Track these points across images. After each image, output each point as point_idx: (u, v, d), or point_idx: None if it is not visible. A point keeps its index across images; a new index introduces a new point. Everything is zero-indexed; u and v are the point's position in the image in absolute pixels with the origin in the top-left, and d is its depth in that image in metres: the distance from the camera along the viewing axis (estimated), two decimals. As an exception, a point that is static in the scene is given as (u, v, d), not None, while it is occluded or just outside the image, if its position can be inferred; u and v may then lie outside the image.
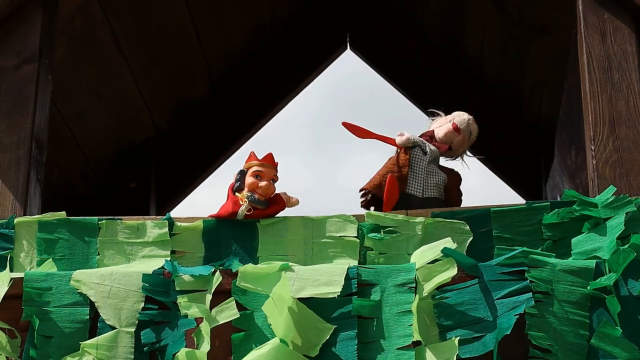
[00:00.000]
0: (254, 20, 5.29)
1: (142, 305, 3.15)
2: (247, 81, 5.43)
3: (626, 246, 3.05)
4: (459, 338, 2.99)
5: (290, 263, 3.19)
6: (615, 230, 3.14)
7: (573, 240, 3.20)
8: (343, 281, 3.06)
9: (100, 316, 3.14)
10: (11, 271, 3.30)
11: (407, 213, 3.40)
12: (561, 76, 4.64)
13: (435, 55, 5.43)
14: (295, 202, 3.46)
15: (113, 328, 3.12)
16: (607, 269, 3.06)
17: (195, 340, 3.08)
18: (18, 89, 3.67)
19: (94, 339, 3.09)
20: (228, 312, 3.09)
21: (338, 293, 3.05)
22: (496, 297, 3.04)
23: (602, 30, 3.63)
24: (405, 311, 3.05)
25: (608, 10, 3.65)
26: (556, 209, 3.29)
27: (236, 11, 5.12)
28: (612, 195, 3.25)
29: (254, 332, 3.08)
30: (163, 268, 3.21)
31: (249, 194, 3.40)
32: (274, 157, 3.46)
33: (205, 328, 3.07)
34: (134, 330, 3.12)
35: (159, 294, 3.16)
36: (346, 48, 5.51)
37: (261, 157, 3.46)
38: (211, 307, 3.09)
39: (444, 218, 3.35)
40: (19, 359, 3.12)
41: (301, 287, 3.07)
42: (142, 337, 3.11)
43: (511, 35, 4.94)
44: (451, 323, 3.03)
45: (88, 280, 3.18)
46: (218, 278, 3.13)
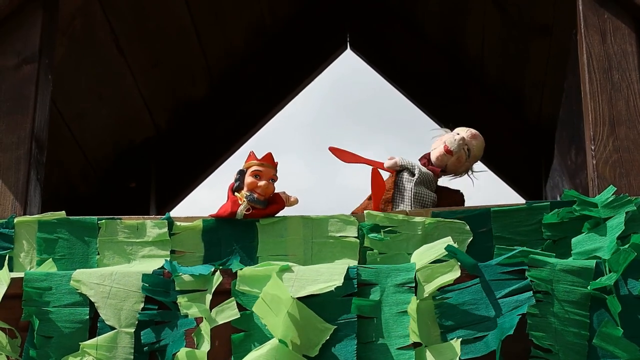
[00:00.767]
0: (254, 20, 5.29)
1: (142, 305, 3.15)
2: (247, 81, 5.44)
3: (626, 246, 3.05)
4: (461, 339, 2.98)
5: (289, 263, 3.19)
6: (615, 230, 3.14)
7: (573, 240, 3.20)
8: (342, 278, 3.06)
9: (100, 316, 3.14)
10: (11, 271, 3.30)
11: (408, 213, 3.40)
12: (561, 76, 4.64)
13: (435, 55, 5.43)
14: (294, 202, 3.47)
15: (113, 328, 3.12)
16: (607, 269, 3.06)
17: (195, 340, 3.08)
18: (18, 89, 3.67)
19: (94, 340, 3.09)
20: (228, 312, 3.08)
21: (337, 285, 3.04)
22: (497, 297, 3.04)
23: (602, 30, 3.63)
24: (405, 311, 3.04)
25: (608, 10, 3.65)
26: (556, 209, 3.29)
27: (236, 11, 5.12)
28: (612, 195, 3.25)
29: (254, 333, 3.07)
30: (163, 268, 3.21)
31: (248, 194, 3.40)
32: (273, 157, 3.46)
33: (205, 328, 3.07)
34: (134, 330, 3.12)
35: (159, 294, 3.15)
36: (346, 48, 5.52)
37: (260, 157, 3.46)
38: (211, 307, 3.09)
39: (444, 218, 3.35)
40: (19, 359, 3.12)
41: (301, 287, 3.07)
42: (142, 338, 3.11)
43: (511, 35, 4.94)
44: (452, 323, 3.02)
45: (88, 280, 3.17)
46: (218, 278, 3.13)
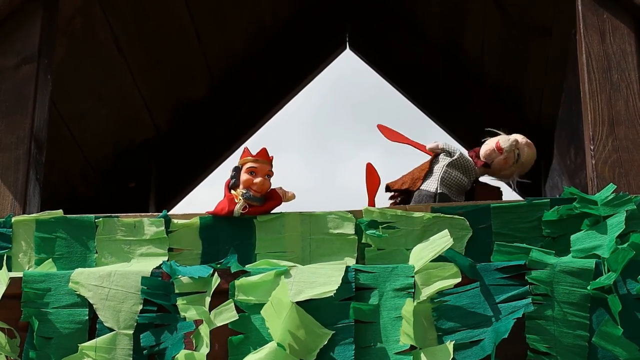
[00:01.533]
0: (254, 20, 5.29)
1: (141, 307, 3.15)
2: (247, 81, 5.44)
3: (625, 245, 3.05)
4: (458, 342, 2.98)
5: (287, 265, 3.18)
6: (615, 228, 3.14)
7: (572, 237, 3.19)
8: (340, 281, 3.06)
9: (99, 317, 3.14)
10: (9, 270, 3.30)
11: (407, 208, 3.40)
12: (561, 76, 4.64)
13: (435, 55, 5.43)
14: (291, 197, 3.46)
15: (111, 330, 3.11)
16: (606, 268, 3.05)
17: (194, 342, 3.08)
18: (17, 89, 3.67)
19: (93, 341, 3.09)
20: (227, 314, 3.08)
21: (334, 291, 3.04)
22: (495, 302, 3.04)
23: (602, 30, 3.63)
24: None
25: (607, 10, 3.65)
26: (556, 206, 3.29)
27: (236, 11, 5.12)
28: (612, 193, 3.25)
29: (252, 335, 3.07)
30: (161, 269, 3.20)
31: (245, 191, 3.40)
32: (268, 152, 3.45)
33: (204, 330, 3.06)
34: (133, 332, 3.12)
35: (158, 297, 3.15)
36: (345, 48, 5.52)
37: (255, 153, 3.45)
38: (210, 309, 3.09)
39: (444, 213, 3.35)
40: (19, 359, 3.12)
41: (299, 291, 3.07)
42: (142, 341, 3.11)
43: (511, 35, 4.94)
44: (450, 326, 3.02)
45: (86, 281, 3.17)
46: (216, 280, 3.12)
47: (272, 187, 3.44)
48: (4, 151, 3.58)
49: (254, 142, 5.48)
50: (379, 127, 3.69)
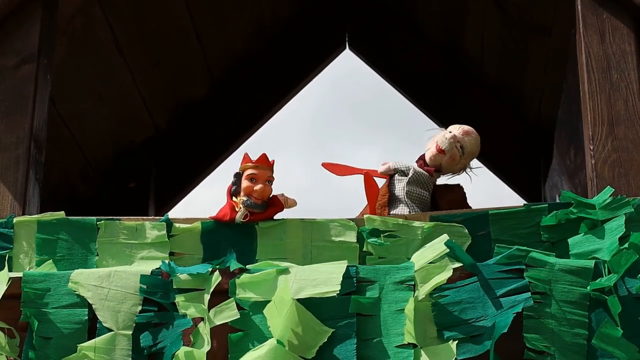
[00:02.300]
0: (254, 20, 5.30)
1: (140, 307, 3.14)
2: (247, 81, 5.44)
3: (627, 247, 3.05)
4: (457, 337, 2.98)
5: (287, 264, 3.18)
6: (615, 232, 3.14)
7: (570, 240, 3.20)
8: (341, 279, 3.06)
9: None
10: (10, 271, 3.30)
11: (407, 217, 3.40)
12: (561, 76, 4.64)
13: (435, 55, 5.44)
14: (292, 204, 3.45)
15: (110, 330, 3.11)
16: (607, 270, 3.05)
17: (192, 340, 3.08)
18: (17, 89, 3.67)
19: (92, 341, 3.09)
20: (228, 313, 3.08)
21: (337, 292, 3.04)
22: (495, 296, 3.04)
23: (601, 30, 3.63)
24: (404, 309, 3.04)
25: (607, 10, 3.64)
26: (554, 211, 3.29)
27: (236, 11, 5.12)
28: (610, 195, 3.25)
29: (251, 332, 3.07)
30: (160, 269, 3.20)
31: (246, 199, 3.38)
32: (268, 157, 3.43)
33: (204, 328, 3.06)
34: (132, 333, 3.12)
35: (157, 296, 3.15)
36: (345, 48, 5.52)
37: (255, 159, 3.43)
38: (209, 307, 3.09)
39: (443, 221, 3.35)
40: (18, 359, 3.12)
41: (300, 288, 3.07)
42: (141, 341, 3.11)
43: (511, 35, 4.94)
44: (449, 321, 3.02)
45: (86, 282, 3.17)
46: (217, 278, 3.12)
47: (274, 194, 3.43)
48: (4, 151, 3.58)
49: (254, 142, 5.49)
50: (324, 166, 3.67)
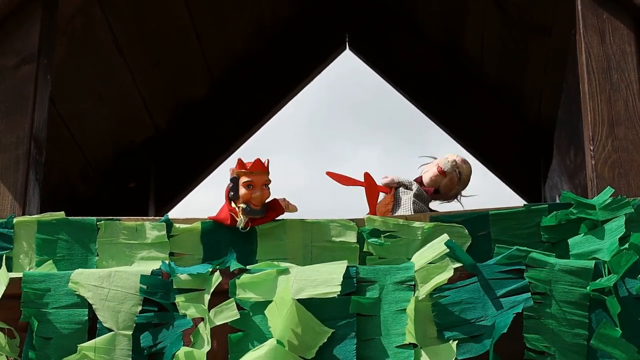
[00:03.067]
0: (254, 20, 5.30)
1: (140, 308, 3.14)
2: (247, 81, 5.44)
3: (626, 246, 3.05)
4: (457, 337, 2.98)
5: (287, 265, 3.18)
6: (615, 232, 3.14)
7: (570, 241, 3.20)
8: (341, 279, 3.06)
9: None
10: (10, 271, 3.30)
11: (407, 217, 3.40)
12: (561, 76, 4.64)
13: (435, 55, 5.44)
14: (293, 209, 3.44)
15: (111, 330, 3.11)
16: (607, 270, 3.05)
17: (192, 340, 3.08)
18: (17, 89, 3.67)
19: (92, 341, 3.09)
20: (228, 313, 3.08)
21: (338, 293, 3.04)
22: (495, 297, 3.04)
23: (601, 30, 3.63)
24: (404, 309, 3.05)
25: (607, 10, 3.64)
26: (554, 212, 3.29)
27: (236, 11, 5.13)
28: (611, 196, 3.25)
29: (251, 332, 3.07)
30: (160, 269, 3.20)
31: (244, 206, 3.37)
32: (262, 161, 3.39)
33: (204, 328, 3.06)
34: (132, 333, 3.12)
35: (157, 295, 3.15)
36: (345, 48, 5.52)
37: (249, 165, 3.39)
38: (209, 307, 3.09)
39: (443, 222, 3.35)
40: (18, 359, 3.12)
41: (300, 288, 3.07)
42: (141, 341, 3.11)
43: (511, 35, 4.94)
44: (449, 321, 3.02)
45: (86, 282, 3.17)
46: (217, 278, 3.12)
47: (276, 198, 3.42)
48: (4, 151, 3.58)
49: (254, 143, 5.49)
50: (329, 174, 3.66)
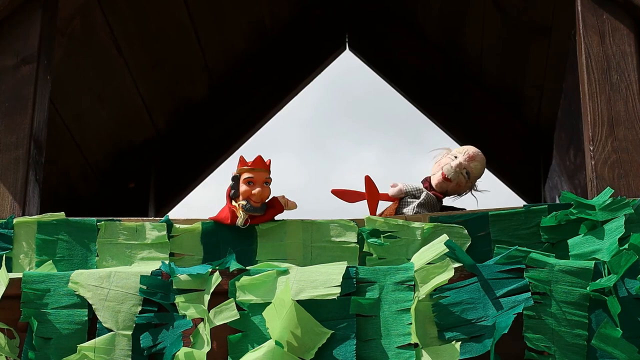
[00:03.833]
0: (254, 21, 5.30)
1: (140, 308, 3.14)
2: (247, 82, 5.44)
3: (626, 246, 3.05)
4: (458, 338, 2.99)
5: (287, 265, 3.18)
6: (614, 233, 3.14)
7: (570, 241, 3.20)
8: (341, 280, 3.06)
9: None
10: (10, 271, 3.30)
11: (406, 218, 3.40)
12: (560, 77, 4.64)
13: (435, 55, 5.44)
14: (293, 206, 3.45)
15: (110, 331, 3.11)
16: (607, 271, 3.05)
17: (192, 341, 3.08)
18: (17, 89, 3.66)
19: (92, 342, 3.09)
20: (228, 313, 3.08)
21: (337, 294, 3.04)
22: (495, 297, 3.04)
23: (601, 31, 3.63)
24: (404, 309, 3.05)
25: (607, 11, 3.64)
26: (554, 212, 3.29)
27: (236, 12, 5.13)
28: (610, 196, 3.25)
29: (251, 333, 3.07)
30: (160, 269, 3.20)
31: (245, 203, 3.38)
32: (264, 158, 3.41)
33: (204, 329, 3.06)
34: (131, 333, 3.12)
35: (156, 296, 3.15)
36: (345, 48, 5.52)
37: (251, 161, 3.41)
38: (209, 308, 3.09)
39: (442, 222, 3.35)
40: (18, 360, 3.12)
41: (300, 289, 3.07)
42: (141, 342, 3.11)
43: (511, 36, 4.95)
44: (449, 322, 3.02)
45: (86, 282, 3.17)
46: (217, 278, 3.12)
47: (275, 196, 3.43)
48: (4, 152, 3.58)
49: (252, 141, 5.50)
50: (334, 192, 3.66)
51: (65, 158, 4.82)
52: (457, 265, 3.09)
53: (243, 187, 3.39)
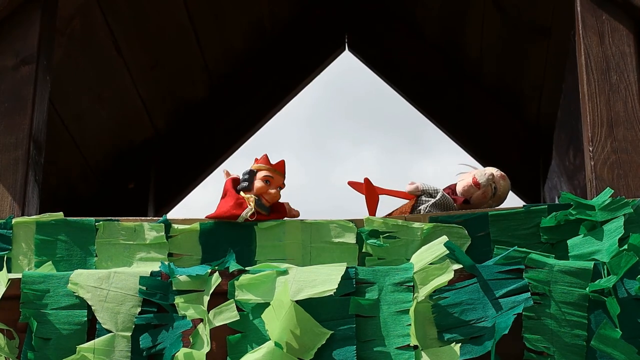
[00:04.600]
0: (254, 21, 5.30)
1: (139, 309, 3.14)
2: (246, 82, 5.44)
3: (626, 247, 3.04)
4: (458, 339, 2.99)
5: (287, 265, 3.18)
6: (614, 233, 3.14)
7: (569, 241, 3.20)
8: (339, 279, 3.06)
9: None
10: (9, 272, 3.30)
11: (406, 218, 3.40)
12: (560, 77, 4.64)
13: (434, 56, 5.44)
14: (296, 214, 3.46)
15: (110, 332, 3.11)
16: (606, 272, 3.05)
17: (192, 341, 3.08)
18: (16, 90, 3.66)
19: (91, 342, 3.09)
20: (227, 314, 3.08)
21: (334, 290, 3.04)
22: (495, 297, 3.04)
23: (600, 31, 3.63)
24: (403, 310, 3.05)
25: (606, 11, 3.64)
26: (553, 212, 3.29)
27: (235, 12, 5.13)
28: (610, 197, 3.25)
29: (250, 334, 3.07)
30: (160, 270, 3.20)
31: (257, 198, 3.39)
32: (285, 165, 3.46)
33: (203, 329, 3.07)
34: (131, 334, 3.12)
35: (156, 297, 3.15)
36: (344, 49, 5.52)
37: (274, 163, 3.45)
38: (209, 308, 3.09)
39: (442, 222, 3.35)
40: (17, 361, 3.12)
41: (298, 289, 3.07)
42: (141, 343, 3.11)
43: (511, 36, 4.95)
44: (449, 323, 3.02)
45: (85, 283, 3.17)
46: (217, 279, 3.12)
47: (281, 201, 3.44)
48: (3, 152, 3.58)
49: (253, 142, 5.50)
50: (350, 184, 3.63)
51: (64, 158, 4.82)
52: (457, 266, 3.09)
53: (260, 184, 3.41)
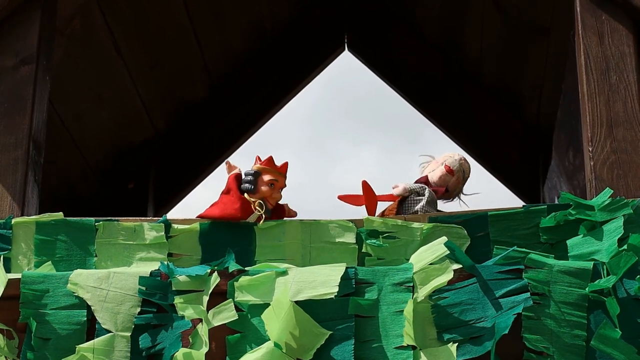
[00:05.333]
0: (254, 21, 5.30)
1: (139, 309, 3.14)
2: (246, 82, 5.44)
3: (625, 247, 3.05)
4: (457, 339, 2.99)
5: (286, 265, 3.18)
6: (613, 234, 3.14)
7: (569, 242, 3.20)
8: (339, 280, 3.06)
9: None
10: (9, 272, 3.30)
11: (405, 218, 3.40)
12: (560, 77, 4.64)
13: (434, 56, 5.44)
14: (294, 215, 3.48)
15: (109, 332, 3.11)
16: (606, 272, 3.05)
17: (191, 341, 3.08)
18: (16, 90, 3.66)
19: (90, 342, 3.09)
20: (226, 314, 3.08)
21: (335, 294, 3.04)
22: (494, 297, 3.04)
23: (600, 31, 3.63)
24: (403, 310, 3.05)
25: (606, 11, 3.65)
26: (553, 213, 3.29)
27: (235, 13, 5.13)
28: (609, 197, 3.25)
29: (249, 334, 3.07)
30: (159, 270, 3.20)
31: (263, 202, 3.40)
32: (288, 167, 3.46)
33: (202, 329, 3.07)
34: (130, 334, 3.12)
35: (155, 297, 3.15)
36: (344, 49, 5.52)
37: (279, 165, 3.46)
38: (208, 308, 3.09)
39: (442, 223, 3.35)
40: (17, 360, 3.12)
41: (298, 290, 3.07)
42: (140, 343, 3.11)
43: (510, 36, 4.95)
44: (449, 323, 3.02)
45: (85, 283, 3.17)
46: (216, 279, 3.12)
47: (280, 203, 3.46)
48: (3, 152, 3.58)
49: (253, 142, 5.50)
50: (340, 198, 3.64)
51: (64, 158, 4.82)
52: (457, 266, 3.09)
53: (264, 187, 3.42)
